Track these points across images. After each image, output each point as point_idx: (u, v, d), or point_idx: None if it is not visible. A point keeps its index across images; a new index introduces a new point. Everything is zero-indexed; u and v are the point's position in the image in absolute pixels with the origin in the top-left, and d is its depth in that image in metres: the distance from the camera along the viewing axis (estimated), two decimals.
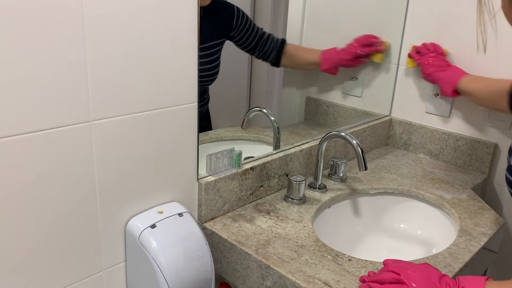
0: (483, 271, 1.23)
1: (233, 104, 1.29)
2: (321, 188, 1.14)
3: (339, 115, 1.48)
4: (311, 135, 1.30)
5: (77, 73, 0.69)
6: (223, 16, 1.17)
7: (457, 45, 1.30)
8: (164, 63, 0.80)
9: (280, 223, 0.98)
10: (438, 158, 1.41)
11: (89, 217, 0.78)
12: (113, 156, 0.78)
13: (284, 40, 1.26)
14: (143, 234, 0.81)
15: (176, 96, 0.84)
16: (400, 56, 1.44)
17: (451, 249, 0.92)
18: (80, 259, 0.79)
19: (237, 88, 1.27)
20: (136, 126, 0.80)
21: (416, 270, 0.74)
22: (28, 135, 0.66)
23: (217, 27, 1.15)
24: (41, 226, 0.72)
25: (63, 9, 0.65)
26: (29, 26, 0.62)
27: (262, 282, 0.85)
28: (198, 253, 0.84)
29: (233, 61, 1.22)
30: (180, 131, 0.87)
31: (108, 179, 0.78)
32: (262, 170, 1.07)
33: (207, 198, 0.95)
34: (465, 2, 1.26)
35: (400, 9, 1.40)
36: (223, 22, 1.16)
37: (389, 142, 1.52)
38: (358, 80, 1.46)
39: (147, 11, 0.75)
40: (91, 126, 0.73)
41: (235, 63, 1.25)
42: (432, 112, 1.40)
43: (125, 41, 0.73)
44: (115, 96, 0.75)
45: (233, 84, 1.23)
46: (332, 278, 0.80)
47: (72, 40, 0.67)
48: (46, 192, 0.71)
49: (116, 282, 0.87)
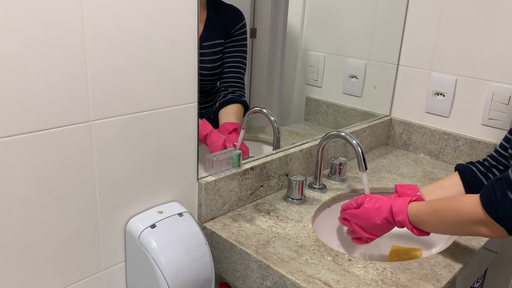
0: (483, 271, 1.23)
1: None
2: (321, 188, 1.14)
3: (339, 115, 1.48)
4: (311, 135, 1.30)
5: (77, 73, 0.69)
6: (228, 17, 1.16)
7: (458, 43, 1.30)
8: (164, 63, 0.80)
9: (280, 223, 0.98)
10: (438, 158, 1.41)
11: (89, 217, 0.78)
12: (113, 156, 0.78)
13: (233, 100, 1.15)
14: (143, 234, 0.81)
15: (176, 96, 0.84)
16: (400, 56, 1.44)
17: (451, 249, 0.92)
18: (80, 259, 0.79)
19: None
20: (136, 126, 0.80)
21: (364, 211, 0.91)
22: (28, 135, 0.66)
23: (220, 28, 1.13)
24: (41, 225, 0.72)
25: (63, 9, 0.65)
26: (29, 26, 0.62)
27: (262, 282, 0.85)
28: (198, 253, 0.84)
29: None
30: (180, 131, 0.87)
31: (108, 179, 0.78)
32: (262, 170, 1.07)
33: (207, 198, 0.95)
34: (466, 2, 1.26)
35: (400, 8, 1.40)
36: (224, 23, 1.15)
37: (389, 142, 1.52)
38: (358, 80, 1.46)
39: (147, 11, 0.75)
40: (91, 126, 0.73)
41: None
42: (432, 112, 1.40)
43: (125, 41, 0.73)
44: (115, 96, 0.75)
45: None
46: (332, 278, 0.80)
47: (72, 40, 0.67)
48: (46, 192, 0.71)
49: (116, 282, 0.87)
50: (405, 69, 1.44)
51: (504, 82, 1.23)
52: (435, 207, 0.83)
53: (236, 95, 1.16)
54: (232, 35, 1.15)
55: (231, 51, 1.15)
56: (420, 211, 0.84)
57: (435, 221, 0.83)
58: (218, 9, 1.12)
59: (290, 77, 1.47)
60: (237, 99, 1.16)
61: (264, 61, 1.30)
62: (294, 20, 1.38)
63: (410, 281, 0.81)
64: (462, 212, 0.78)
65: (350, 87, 1.48)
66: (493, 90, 1.25)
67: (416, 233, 0.86)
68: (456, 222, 0.79)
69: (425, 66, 1.38)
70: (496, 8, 1.21)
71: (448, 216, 0.80)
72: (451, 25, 1.31)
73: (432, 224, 0.84)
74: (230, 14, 1.16)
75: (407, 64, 1.43)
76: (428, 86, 1.38)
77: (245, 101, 1.17)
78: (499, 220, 0.72)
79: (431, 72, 1.38)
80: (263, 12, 1.27)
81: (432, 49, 1.36)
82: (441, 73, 1.35)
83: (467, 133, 1.34)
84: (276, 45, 1.31)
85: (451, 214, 0.80)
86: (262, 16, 1.26)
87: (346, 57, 1.47)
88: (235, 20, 1.16)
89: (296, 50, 1.46)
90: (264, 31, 1.27)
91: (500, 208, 0.71)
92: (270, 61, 1.31)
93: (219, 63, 1.14)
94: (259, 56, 1.28)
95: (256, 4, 1.25)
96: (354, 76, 1.46)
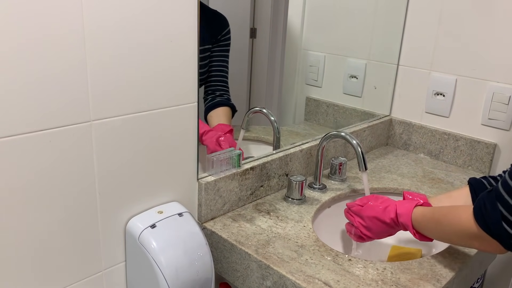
0: (483, 271, 1.23)
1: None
2: (321, 188, 1.14)
3: (339, 115, 1.48)
4: (311, 135, 1.30)
5: (77, 73, 0.69)
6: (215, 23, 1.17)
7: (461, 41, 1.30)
8: (164, 63, 0.80)
9: (280, 223, 0.98)
10: (438, 158, 1.41)
11: (89, 217, 0.78)
12: (113, 156, 0.78)
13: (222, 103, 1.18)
14: (143, 234, 0.81)
15: (176, 96, 0.84)
16: (400, 56, 1.44)
17: (451, 249, 0.92)
18: (80, 259, 0.79)
19: (237, 88, 1.27)
20: (136, 126, 0.80)
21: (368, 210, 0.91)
22: (28, 135, 0.66)
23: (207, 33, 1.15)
24: (41, 226, 0.72)
25: (63, 7, 0.65)
26: (29, 26, 0.62)
27: (262, 282, 0.85)
28: (198, 253, 0.84)
29: (233, 61, 1.22)
30: (180, 131, 0.87)
31: (108, 179, 0.78)
32: (262, 170, 1.07)
33: (207, 198, 0.95)
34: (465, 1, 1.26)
35: (400, 8, 1.40)
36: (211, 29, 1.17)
37: (389, 142, 1.52)
38: (358, 80, 1.46)
39: (147, 11, 0.75)
40: (91, 126, 0.73)
41: (235, 63, 1.25)
42: (432, 112, 1.40)
43: (125, 41, 0.73)
44: (115, 96, 0.75)
45: (233, 84, 1.23)
46: (332, 278, 0.80)
47: (72, 40, 0.67)
48: (46, 192, 0.71)
49: (116, 282, 0.87)
50: (405, 69, 1.44)
51: (504, 82, 1.23)
52: (436, 216, 0.81)
53: (224, 98, 1.19)
54: (219, 41, 1.17)
55: (217, 56, 1.18)
56: (423, 217, 0.83)
57: (434, 229, 0.82)
58: (205, 15, 1.14)
59: (290, 77, 1.47)
60: (226, 102, 1.18)
61: (264, 61, 1.30)
62: (294, 20, 1.38)
63: (410, 281, 0.81)
64: (458, 225, 0.76)
65: (350, 87, 1.48)
66: (493, 90, 1.25)
67: (418, 238, 0.84)
68: (453, 234, 0.78)
69: (425, 66, 1.38)
70: (496, 8, 1.21)
71: (446, 227, 0.79)
72: (451, 25, 1.31)
73: (432, 232, 0.83)
74: (216, 20, 1.18)
75: (407, 64, 1.43)
76: (428, 86, 1.38)
77: (233, 105, 1.20)
78: (490, 232, 0.69)
79: (431, 72, 1.38)
80: (263, 12, 1.27)
81: (432, 49, 1.36)
82: (441, 73, 1.35)
83: (467, 133, 1.34)
84: (276, 45, 1.31)
85: (449, 226, 0.78)
86: (262, 16, 1.27)
87: (346, 57, 1.47)
88: (221, 26, 1.18)
89: (296, 50, 1.46)
90: (264, 31, 1.27)
91: (490, 220, 0.69)
92: (270, 61, 1.31)
93: (206, 68, 1.16)
94: (259, 56, 1.28)
95: (256, 4, 1.25)
96: (354, 76, 1.46)
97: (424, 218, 0.83)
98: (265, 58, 1.30)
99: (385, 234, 0.91)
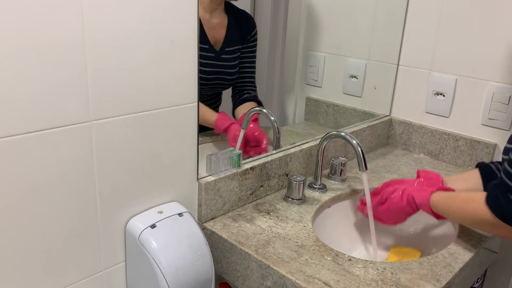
0: (483, 271, 1.23)
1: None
2: (321, 188, 1.14)
3: (339, 115, 1.48)
4: (311, 135, 1.30)
5: (77, 73, 0.69)
6: (245, 23, 1.19)
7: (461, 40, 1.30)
8: (164, 63, 0.80)
9: (280, 223, 0.98)
10: (438, 158, 1.41)
11: (89, 217, 0.78)
12: (113, 156, 0.78)
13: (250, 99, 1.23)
14: (143, 234, 0.81)
15: (176, 96, 0.84)
16: (400, 56, 1.44)
17: (451, 249, 0.92)
18: (80, 259, 0.79)
19: None
20: (136, 126, 0.80)
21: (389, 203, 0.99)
22: (28, 135, 0.66)
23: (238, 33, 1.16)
24: (40, 226, 0.72)
25: (63, 9, 0.65)
26: (28, 26, 0.62)
27: (262, 282, 0.85)
28: (198, 253, 0.84)
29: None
30: (180, 131, 0.87)
31: (108, 179, 0.78)
32: (262, 170, 1.07)
33: (207, 198, 0.95)
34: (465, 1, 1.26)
35: (400, 8, 1.40)
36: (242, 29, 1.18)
37: (389, 142, 1.52)
38: (358, 80, 1.46)
39: (147, 11, 0.75)
40: (91, 126, 0.73)
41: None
42: (432, 112, 1.40)
43: (125, 41, 0.73)
44: (115, 96, 0.75)
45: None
46: (332, 278, 0.80)
47: (72, 40, 0.67)
48: (46, 192, 0.71)
49: (116, 282, 0.87)
50: (405, 69, 1.44)
51: (504, 82, 1.23)
52: (453, 207, 0.90)
53: (252, 95, 1.24)
54: (248, 41, 1.19)
55: (246, 56, 1.21)
56: (439, 204, 0.92)
57: (452, 216, 0.93)
58: (235, 15, 1.15)
59: (290, 77, 1.47)
60: (252, 98, 1.24)
61: (264, 61, 1.31)
62: (294, 20, 1.38)
63: (410, 281, 0.81)
64: (476, 217, 0.85)
65: (350, 87, 1.48)
66: (493, 90, 1.25)
67: (437, 218, 0.94)
68: (473, 223, 0.90)
69: (425, 66, 1.38)
70: (496, 8, 1.21)
71: (466, 218, 0.89)
72: (451, 25, 1.31)
73: (450, 216, 0.93)
74: (245, 20, 1.19)
75: (407, 64, 1.43)
76: (428, 86, 1.38)
77: (260, 101, 1.25)
78: (507, 221, 0.79)
79: (431, 72, 1.38)
80: (263, 12, 1.27)
81: (432, 49, 1.36)
82: (441, 73, 1.35)
83: (467, 133, 1.34)
84: (276, 45, 1.31)
85: (467, 216, 0.88)
86: (262, 16, 1.27)
87: (346, 57, 1.47)
88: (251, 26, 1.20)
89: (296, 50, 1.46)
90: (264, 31, 1.27)
91: (506, 210, 0.78)
92: (270, 61, 1.32)
93: (236, 69, 1.19)
94: (259, 56, 1.28)
95: (256, 4, 1.26)
96: (354, 76, 1.46)
97: (440, 206, 0.92)
98: (265, 58, 1.30)
99: (406, 218, 1.00)
